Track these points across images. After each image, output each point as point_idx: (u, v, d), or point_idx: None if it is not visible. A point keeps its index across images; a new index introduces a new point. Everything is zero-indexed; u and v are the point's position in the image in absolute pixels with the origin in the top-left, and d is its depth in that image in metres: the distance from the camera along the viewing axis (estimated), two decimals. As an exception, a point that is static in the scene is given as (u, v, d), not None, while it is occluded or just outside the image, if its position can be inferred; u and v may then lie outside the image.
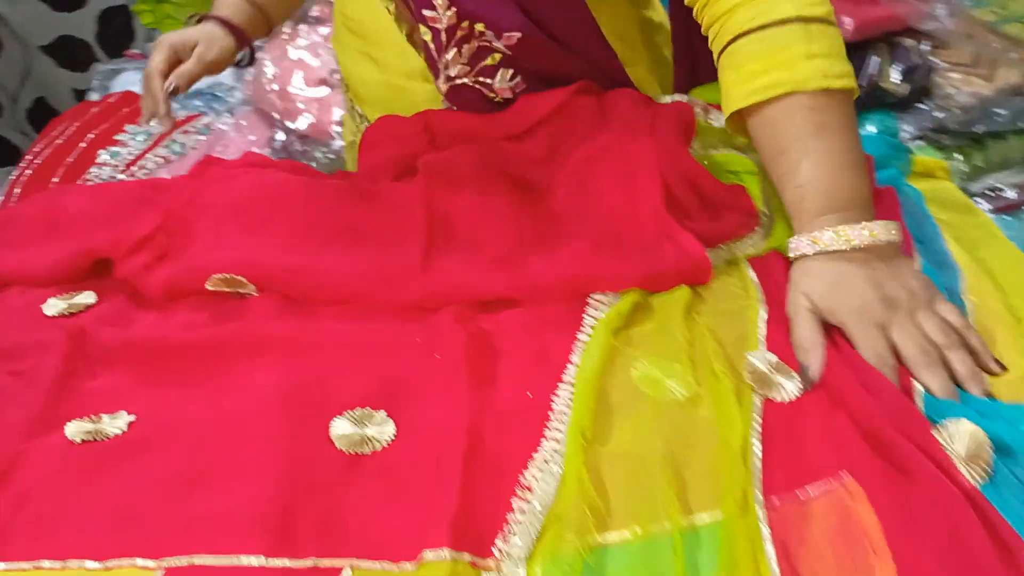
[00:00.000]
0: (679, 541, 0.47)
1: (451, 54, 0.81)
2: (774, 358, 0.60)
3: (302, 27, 1.48)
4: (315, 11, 1.54)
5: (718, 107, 0.89)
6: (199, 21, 0.97)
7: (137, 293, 0.73)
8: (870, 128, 1.49)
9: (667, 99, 0.85)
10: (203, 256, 0.72)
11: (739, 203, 0.75)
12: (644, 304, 0.67)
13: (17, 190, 1.35)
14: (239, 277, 0.69)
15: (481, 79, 0.83)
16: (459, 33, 0.80)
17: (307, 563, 0.47)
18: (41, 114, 2.16)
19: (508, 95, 0.83)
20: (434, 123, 0.85)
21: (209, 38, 0.94)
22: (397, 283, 0.68)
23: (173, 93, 0.91)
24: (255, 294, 0.70)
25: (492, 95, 0.83)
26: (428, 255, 0.70)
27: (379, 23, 0.88)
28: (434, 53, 0.82)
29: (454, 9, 0.78)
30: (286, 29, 1.60)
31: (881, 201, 0.77)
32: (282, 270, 0.70)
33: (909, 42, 1.51)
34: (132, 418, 0.59)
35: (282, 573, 0.47)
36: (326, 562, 0.48)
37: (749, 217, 0.74)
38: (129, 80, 1.60)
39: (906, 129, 1.51)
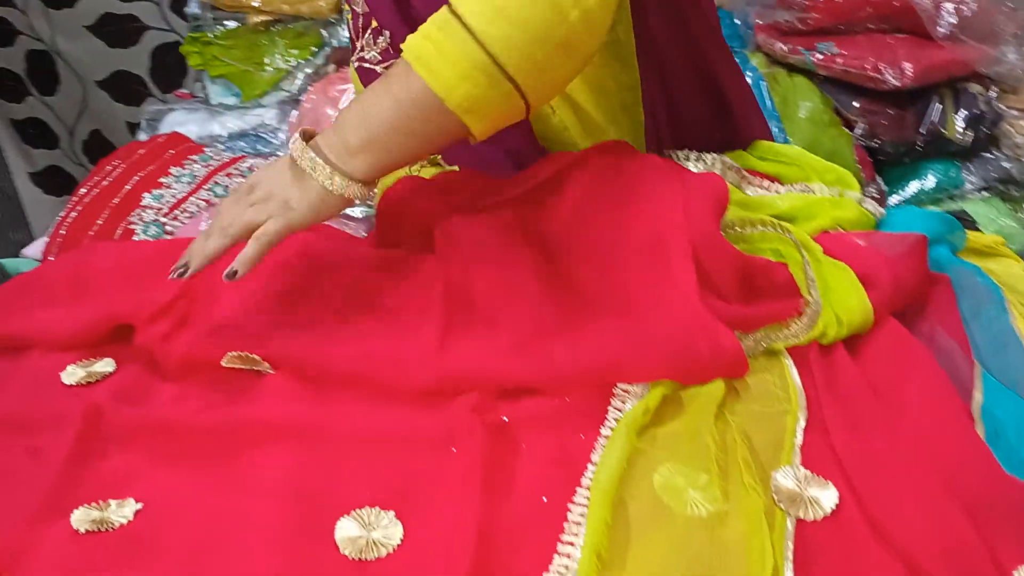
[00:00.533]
0: None
1: (366, 38, 0.84)
2: (804, 471, 0.56)
3: (345, 71, 1.49)
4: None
5: (757, 174, 0.85)
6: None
7: (155, 363, 0.72)
8: (930, 179, 1.43)
9: (693, 165, 0.81)
10: (221, 330, 0.71)
11: (780, 284, 0.70)
12: (674, 398, 0.63)
13: (63, 231, 1.37)
14: (254, 356, 0.68)
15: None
16: (372, 25, 0.82)
17: None
18: (96, 146, 2.22)
19: None
20: (454, 184, 0.82)
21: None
22: (413, 367, 0.65)
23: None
24: (271, 371, 0.68)
25: None
26: (445, 337, 0.67)
27: None
28: (352, 32, 0.86)
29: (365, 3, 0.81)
30: (330, 68, 1.61)
31: (935, 291, 0.72)
32: (298, 350, 0.68)
33: (975, 88, 1.45)
34: (139, 506, 0.57)
35: None
36: None
37: (791, 299, 0.69)
38: (176, 120, 1.62)
39: (971, 180, 1.44)
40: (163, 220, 1.37)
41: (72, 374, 0.70)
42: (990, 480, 0.54)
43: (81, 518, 0.56)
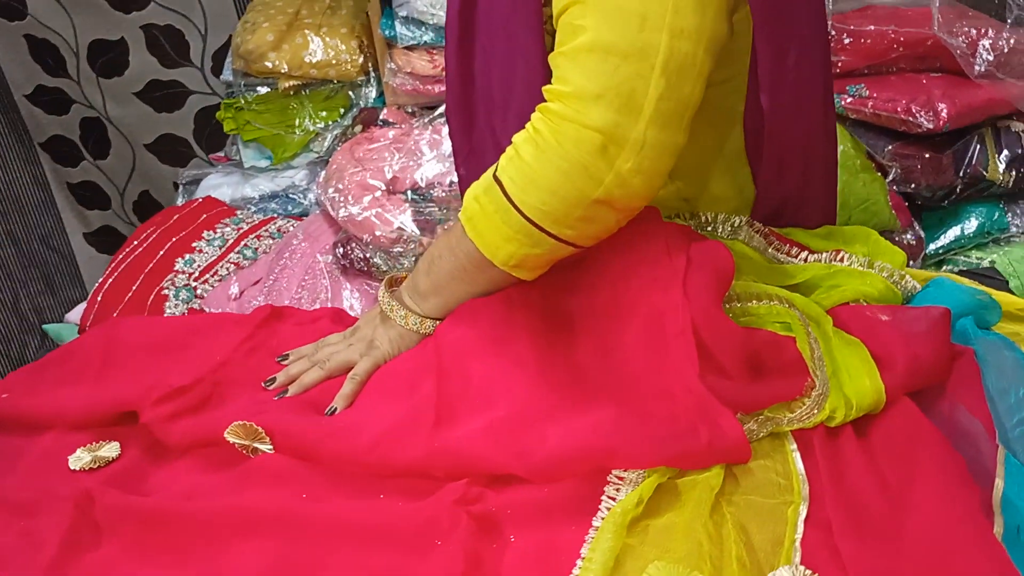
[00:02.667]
0: None
1: None
2: (804, 571, 0.52)
3: (375, 130, 1.50)
4: (384, 113, 1.56)
5: (786, 240, 0.81)
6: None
7: (156, 445, 0.72)
8: (972, 223, 1.36)
9: (721, 227, 0.79)
10: (230, 409, 0.71)
11: (787, 360, 0.67)
12: (670, 486, 0.61)
13: (99, 297, 1.41)
14: (256, 426, 0.68)
15: None
16: None
17: None
18: (146, 205, 2.30)
19: None
20: None
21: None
22: (407, 442, 0.65)
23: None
24: (270, 450, 0.68)
25: None
26: (439, 414, 0.66)
27: None
28: None
29: None
30: (357, 128, 1.63)
31: (957, 366, 0.67)
32: (296, 422, 0.70)
33: (1018, 126, 1.38)
34: None
35: None
36: None
37: (798, 377, 0.66)
38: (212, 184, 1.66)
39: (1016, 224, 1.37)
40: (194, 284, 1.39)
41: (79, 459, 0.71)
42: None
43: (64, 621, 0.56)
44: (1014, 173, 1.32)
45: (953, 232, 1.35)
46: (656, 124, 0.61)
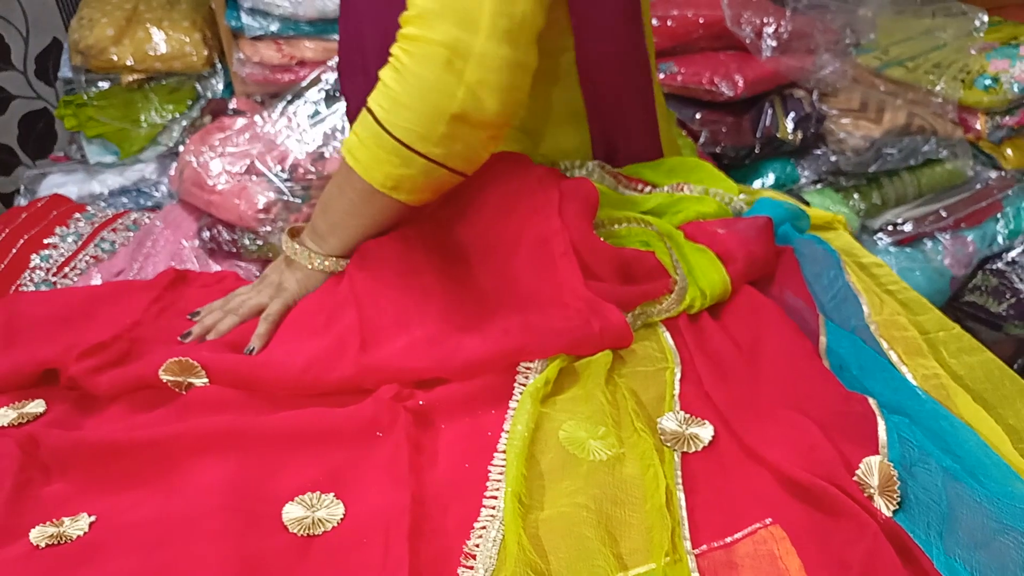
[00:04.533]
0: (616, 592, 0.52)
1: None
2: (684, 414, 0.66)
3: (225, 119, 1.53)
4: (233, 103, 1.59)
5: (631, 179, 0.96)
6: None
7: (84, 399, 0.75)
8: (771, 176, 1.60)
9: (578, 172, 0.92)
10: (157, 355, 0.75)
11: (650, 269, 0.81)
12: (569, 369, 0.72)
13: (-53, 301, 1.34)
14: (192, 361, 0.73)
15: None
16: None
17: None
18: (-37, 220, 2.14)
19: None
20: None
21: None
22: (336, 366, 0.72)
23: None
24: (206, 382, 0.73)
25: None
26: (363, 338, 0.74)
27: None
28: None
29: None
30: (206, 119, 1.64)
31: (781, 260, 0.84)
32: (231, 358, 0.75)
33: (800, 93, 1.63)
34: (93, 519, 0.61)
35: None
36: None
37: (662, 280, 0.81)
38: (55, 183, 1.62)
39: (805, 175, 1.62)
40: (53, 279, 1.36)
41: (4, 416, 0.73)
42: (835, 398, 0.66)
43: (39, 535, 0.59)
44: (800, 132, 1.57)
45: (755, 185, 1.58)
46: (494, 38, 0.70)
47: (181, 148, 1.60)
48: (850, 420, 0.62)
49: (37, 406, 0.74)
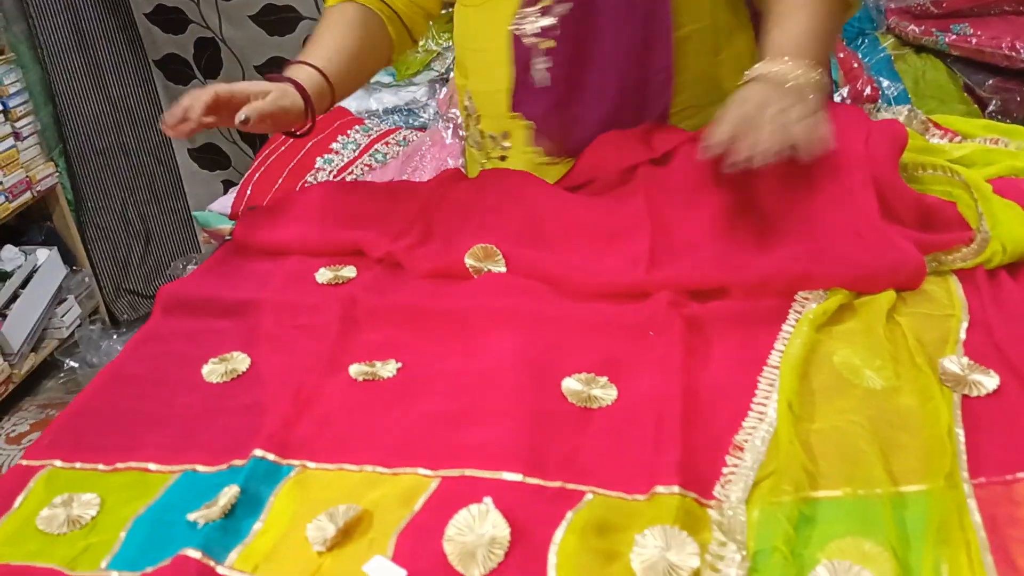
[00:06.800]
0: (888, 502, 0.53)
1: (533, 11, 0.93)
2: (967, 360, 0.64)
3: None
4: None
5: (941, 127, 0.93)
6: (269, 79, 0.92)
7: (388, 270, 0.85)
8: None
9: (885, 113, 0.90)
10: (466, 238, 0.84)
11: (950, 220, 0.79)
12: (849, 306, 0.72)
13: (249, 189, 1.55)
14: (496, 249, 0.81)
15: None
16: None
17: (556, 484, 0.56)
18: (250, 126, 2.42)
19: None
20: (655, 136, 0.93)
21: (282, 90, 0.89)
22: (626, 276, 0.77)
23: (242, 124, 0.85)
24: (503, 271, 0.81)
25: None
26: (653, 255, 0.78)
27: (489, 39, 0.96)
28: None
29: None
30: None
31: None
32: (531, 254, 0.82)
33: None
34: (400, 365, 0.71)
35: (534, 489, 0.56)
36: (572, 486, 0.56)
37: (961, 231, 0.78)
38: (339, 96, 1.79)
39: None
40: (332, 179, 1.53)
41: (323, 275, 0.85)
42: None
43: (357, 371, 0.70)
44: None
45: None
46: None
47: (451, 74, 1.72)
48: None
49: (350, 271, 0.86)
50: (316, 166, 1.56)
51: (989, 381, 0.63)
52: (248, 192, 1.53)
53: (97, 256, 2.51)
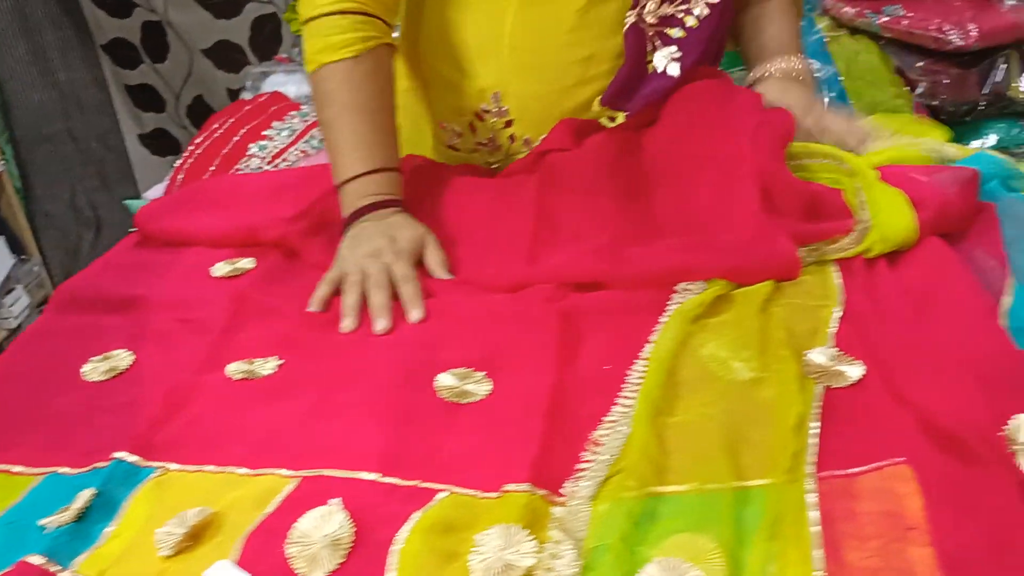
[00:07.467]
0: (730, 497, 0.53)
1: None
2: (835, 351, 0.64)
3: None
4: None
5: None
6: (372, 207, 0.84)
7: (287, 260, 0.85)
8: (992, 138, 1.47)
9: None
10: None
11: (833, 206, 0.79)
12: (727, 296, 0.73)
13: (180, 176, 1.53)
14: None
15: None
16: None
17: (411, 483, 0.57)
18: (199, 110, 2.40)
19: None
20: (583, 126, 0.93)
21: (413, 225, 0.84)
22: (503, 273, 0.78)
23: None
24: None
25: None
26: (533, 249, 0.79)
27: (548, 39, 0.92)
28: None
29: None
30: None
31: (980, 217, 0.79)
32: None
33: (1042, 48, 1.47)
34: (281, 362, 0.71)
35: (388, 489, 0.56)
36: (427, 485, 0.57)
37: (843, 220, 0.78)
38: (277, 82, 1.77)
39: (1034, 141, 1.47)
40: (266, 168, 1.51)
41: (220, 269, 0.85)
42: (1000, 355, 0.61)
43: (235, 369, 0.69)
44: (1035, 92, 1.42)
45: (974, 145, 1.45)
46: None
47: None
48: (1011, 378, 0.59)
49: (249, 263, 0.86)
50: (249, 153, 1.54)
51: (853, 371, 0.64)
52: (180, 179, 1.51)
53: (47, 245, 2.48)
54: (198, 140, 1.58)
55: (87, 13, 2.33)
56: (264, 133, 1.58)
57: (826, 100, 1.40)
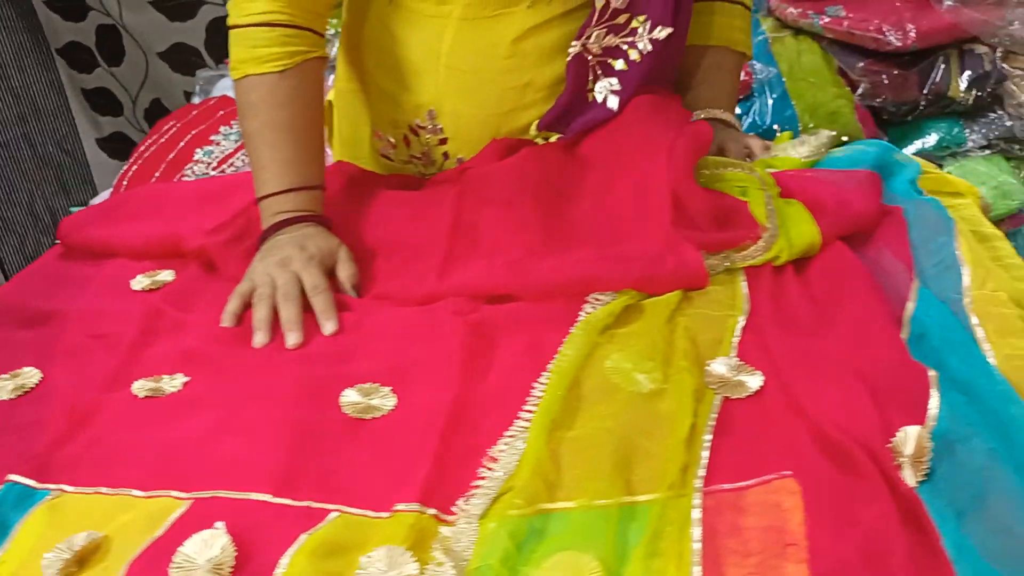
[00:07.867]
0: (615, 513, 0.54)
1: (598, 30, 0.87)
2: (737, 361, 0.65)
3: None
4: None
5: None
6: (287, 222, 0.83)
7: (205, 273, 0.85)
8: (933, 137, 1.48)
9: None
10: None
11: (742, 216, 0.80)
12: (636, 307, 0.73)
13: (125, 183, 1.52)
14: None
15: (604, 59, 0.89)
16: (619, 19, 0.87)
17: (303, 504, 0.56)
18: (156, 113, 2.38)
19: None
20: (515, 146, 0.91)
21: (327, 236, 0.84)
22: (414, 289, 0.78)
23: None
24: None
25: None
26: (447, 263, 0.79)
27: (484, 62, 0.90)
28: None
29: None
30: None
31: (887, 220, 0.80)
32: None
33: (981, 49, 1.49)
34: (188, 379, 0.70)
35: (279, 510, 0.56)
36: (319, 505, 0.56)
37: (751, 229, 0.79)
38: (227, 85, 1.76)
39: (973, 139, 1.49)
40: (212, 173, 1.50)
41: (139, 282, 0.84)
42: (895, 366, 0.62)
43: (140, 387, 0.69)
44: (975, 92, 1.43)
45: (915, 145, 1.46)
46: None
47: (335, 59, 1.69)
48: (904, 389, 0.60)
49: (168, 275, 0.85)
50: (195, 158, 1.53)
51: (752, 381, 0.64)
52: (124, 186, 1.50)
53: (5, 251, 2.46)
54: (143, 146, 1.57)
55: (41, 17, 2.30)
56: (211, 138, 1.57)
57: (769, 101, 1.41)
